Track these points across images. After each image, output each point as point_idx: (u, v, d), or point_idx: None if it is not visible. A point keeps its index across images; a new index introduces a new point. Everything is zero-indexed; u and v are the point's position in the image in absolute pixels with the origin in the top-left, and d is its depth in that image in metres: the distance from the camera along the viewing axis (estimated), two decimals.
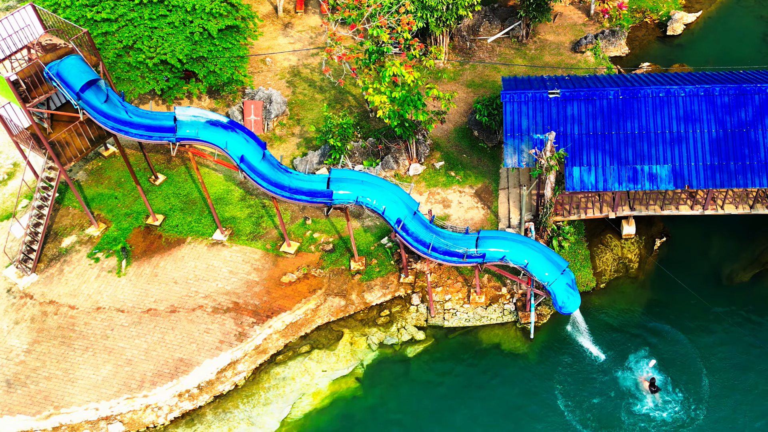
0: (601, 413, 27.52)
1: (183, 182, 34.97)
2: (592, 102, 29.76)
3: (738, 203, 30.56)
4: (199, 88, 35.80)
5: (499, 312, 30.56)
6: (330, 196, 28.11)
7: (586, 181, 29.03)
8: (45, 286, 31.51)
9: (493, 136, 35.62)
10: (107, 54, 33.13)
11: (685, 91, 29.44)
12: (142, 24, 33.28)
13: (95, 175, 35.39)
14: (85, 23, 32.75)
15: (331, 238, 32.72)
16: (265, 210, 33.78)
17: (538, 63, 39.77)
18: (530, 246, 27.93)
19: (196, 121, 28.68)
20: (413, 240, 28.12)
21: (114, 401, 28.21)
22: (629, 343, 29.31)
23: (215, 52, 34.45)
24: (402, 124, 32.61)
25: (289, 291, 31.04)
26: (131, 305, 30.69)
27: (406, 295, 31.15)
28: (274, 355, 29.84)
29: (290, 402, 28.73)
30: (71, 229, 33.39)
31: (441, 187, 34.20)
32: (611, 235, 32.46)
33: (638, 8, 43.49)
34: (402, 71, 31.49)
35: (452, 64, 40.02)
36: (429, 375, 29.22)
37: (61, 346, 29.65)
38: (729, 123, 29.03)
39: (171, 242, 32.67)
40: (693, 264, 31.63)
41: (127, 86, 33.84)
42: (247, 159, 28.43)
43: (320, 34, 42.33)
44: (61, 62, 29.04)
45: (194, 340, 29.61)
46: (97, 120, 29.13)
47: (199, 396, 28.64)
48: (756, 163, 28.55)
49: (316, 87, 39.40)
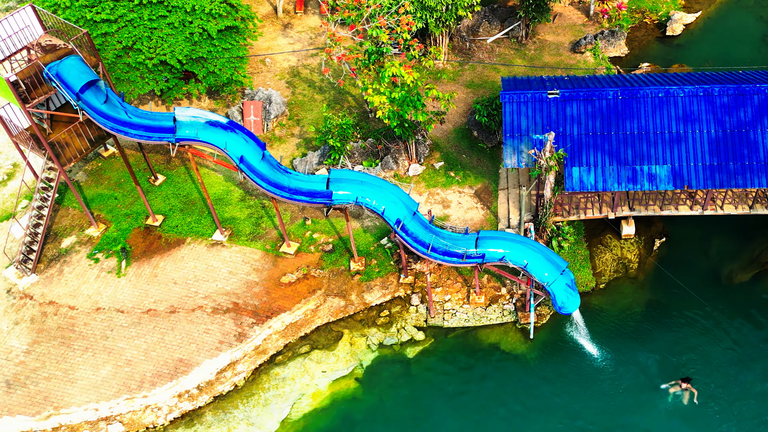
0: (601, 413, 27.52)
1: (182, 183, 34.97)
2: (592, 102, 29.77)
3: (737, 203, 30.57)
4: (199, 88, 35.80)
5: (498, 312, 30.57)
6: (329, 197, 28.12)
7: (586, 182, 29.04)
8: (45, 286, 31.51)
9: (492, 137, 35.63)
10: (107, 55, 33.15)
11: (684, 92, 29.45)
12: (141, 25, 33.28)
13: (95, 176, 35.39)
14: (84, 24, 32.76)
15: (330, 238, 32.72)
16: (265, 210, 33.79)
17: (537, 63, 39.78)
18: (530, 246, 27.94)
19: (196, 122, 28.69)
20: (413, 240, 28.13)
21: (113, 402, 28.21)
22: (629, 343, 29.32)
23: (215, 53, 34.47)
24: (401, 125, 32.62)
25: (289, 291, 31.05)
26: (131, 306, 30.69)
27: (405, 296, 31.16)
28: (274, 355, 29.86)
29: (290, 402, 28.74)
30: (71, 230, 33.40)
31: (440, 187, 34.20)
32: (611, 236, 32.48)
33: (638, 8, 43.52)
34: (401, 72, 31.49)
35: (452, 65, 40.03)
36: (428, 375, 29.22)
37: (60, 346, 29.65)
38: (728, 123, 29.04)
39: (171, 243, 32.67)
40: (692, 264, 31.64)
41: (127, 87, 33.85)
42: (246, 159, 28.44)
43: (320, 35, 42.34)
44: (60, 63, 29.04)
45: (194, 341, 29.61)
46: (97, 121, 29.14)
47: (198, 396, 28.65)
48: (755, 163, 28.56)
49: (316, 87, 39.41)
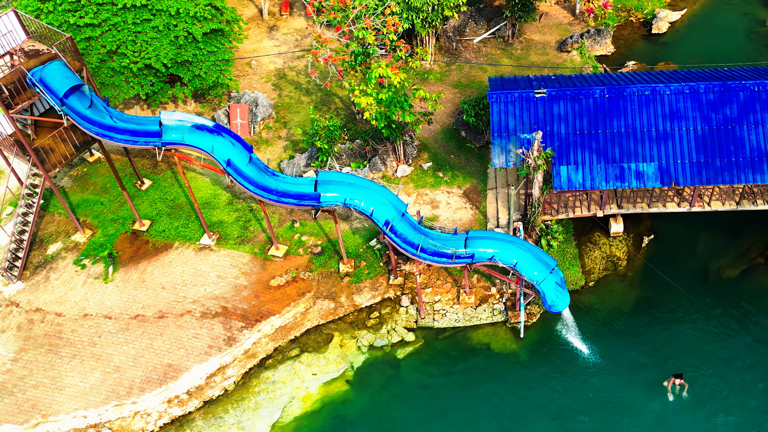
0: (592, 411, 27.53)
1: (169, 187, 34.77)
2: (579, 101, 29.80)
3: (724, 200, 30.68)
4: (185, 92, 35.62)
5: (488, 312, 30.54)
6: (318, 199, 28.01)
7: (574, 180, 29.06)
8: (31, 293, 31.23)
9: (480, 137, 35.62)
10: (91, 59, 32.93)
11: (670, 89, 29.53)
12: (125, 29, 33.07)
13: (80, 181, 35.14)
14: (68, 28, 32.53)
15: (319, 240, 32.60)
16: (253, 214, 33.63)
17: (524, 63, 39.82)
18: (519, 245, 27.93)
19: (182, 126, 28.53)
20: (402, 241, 28.05)
21: (102, 408, 27.97)
22: (619, 341, 29.35)
23: (200, 56, 34.31)
24: (389, 126, 32.55)
25: (278, 294, 30.91)
26: (119, 311, 30.46)
27: (395, 297, 31.08)
28: (264, 359, 29.70)
29: (280, 406, 28.59)
30: (57, 236, 33.13)
31: (429, 188, 34.15)
32: (599, 234, 32.53)
33: (623, 7, 43.67)
34: (388, 73, 31.46)
35: (438, 65, 40.01)
36: (419, 376, 29.16)
37: (48, 353, 29.39)
38: (714, 120, 29.13)
39: (158, 247, 32.46)
40: (681, 261, 31.73)
41: (112, 91, 33.63)
42: (233, 163, 28.30)
43: (306, 37, 42.24)
44: (44, 68, 28.82)
45: (183, 346, 29.42)
46: (82, 126, 28.93)
47: (188, 401, 28.46)
48: (741, 159, 28.66)
49: (303, 89, 39.30)
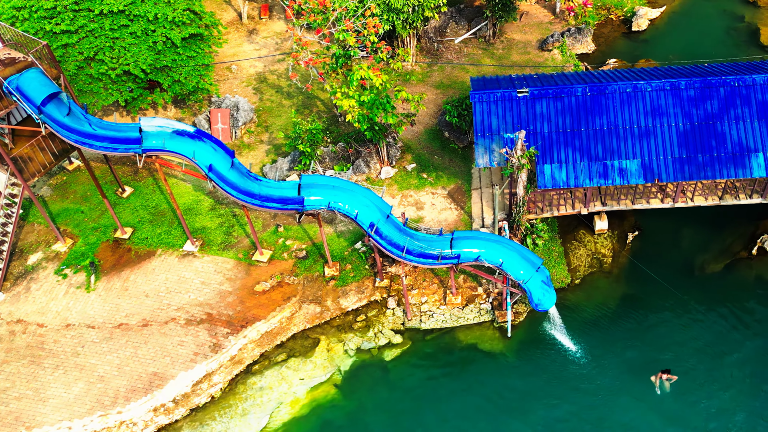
0: (581, 408, 27.51)
1: (151, 194, 34.42)
2: (561, 99, 29.82)
3: (707, 195, 30.82)
4: (164, 98, 35.30)
5: (475, 312, 30.47)
6: (301, 203, 27.82)
7: (558, 179, 29.06)
8: (12, 304, 30.78)
9: (463, 137, 35.58)
10: (68, 66, 32.54)
11: (651, 86, 29.62)
12: (102, 35, 32.72)
13: (60, 190, 34.71)
14: (44, 36, 32.14)
15: (303, 244, 32.39)
16: (236, 219, 33.37)
17: (506, 62, 39.85)
18: (504, 245, 27.89)
19: (163, 132, 28.24)
20: (387, 243, 27.92)
21: (87, 419, 27.59)
22: (606, 337, 29.37)
23: (179, 61, 34.01)
24: (372, 128, 32.43)
25: (263, 300, 30.66)
26: (102, 321, 30.09)
27: (381, 299, 30.93)
28: (250, 365, 29.44)
29: (268, 412, 28.35)
30: (37, 246, 32.69)
31: (413, 189, 34.05)
32: (584, 231, 32.57)
33: (603, 5, 43.85)
34: (370, 74, 31.34)
35: (420, 66, 39.94)
36: (407, 378, 29.02)
37: (30, 365, 28.96)
38: (696, 116, 29.25)
39: (141, 255, 32.11)
40: (665, 256, 31.83)
41: (90, 98, 33.25)
42: (215, 168, 28.04)
43: (286, 40, 42.04)
44: (20, 76, 28.45)
45: (168, 354, 29.10)
46: (60, 134, 28.57)
47: (174, 410, 28.14)
48: (723, 154, 28.78)
49: (284, 93, 39.09)
